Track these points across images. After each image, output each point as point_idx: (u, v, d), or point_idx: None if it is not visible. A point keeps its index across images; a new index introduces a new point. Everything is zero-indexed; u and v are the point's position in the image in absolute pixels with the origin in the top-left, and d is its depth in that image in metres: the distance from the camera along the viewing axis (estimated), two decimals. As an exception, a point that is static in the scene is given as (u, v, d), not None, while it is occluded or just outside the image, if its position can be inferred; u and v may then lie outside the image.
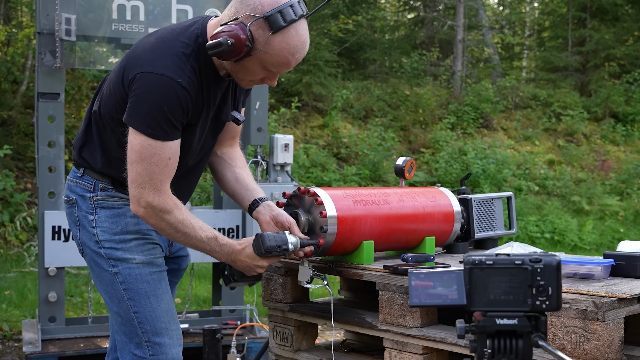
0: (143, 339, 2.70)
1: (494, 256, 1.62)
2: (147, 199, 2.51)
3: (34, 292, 6.93)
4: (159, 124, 2.45)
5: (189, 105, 2.50)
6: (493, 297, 1.61)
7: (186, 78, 2.47)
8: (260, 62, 2.51)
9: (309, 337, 3.31)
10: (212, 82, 2.60)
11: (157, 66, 2.45)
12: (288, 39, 2.46)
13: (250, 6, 2.45)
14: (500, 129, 15.81)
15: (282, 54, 2.48)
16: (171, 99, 2.44)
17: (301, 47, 2.51)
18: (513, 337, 1.62)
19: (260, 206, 2.87)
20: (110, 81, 2.62)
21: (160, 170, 2.50)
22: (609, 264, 2.81)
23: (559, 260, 1.61)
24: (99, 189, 2.70)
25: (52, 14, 4.72)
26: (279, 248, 2.68)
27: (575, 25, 18.93)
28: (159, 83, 2.44)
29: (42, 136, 4.82)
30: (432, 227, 3.30)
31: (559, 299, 1.61)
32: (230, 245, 2.68)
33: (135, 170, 2.50)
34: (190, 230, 2.60)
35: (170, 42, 2.53)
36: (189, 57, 2.50)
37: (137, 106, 2.46)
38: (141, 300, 2.68)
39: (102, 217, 2.69)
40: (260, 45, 2.46)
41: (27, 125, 10.78)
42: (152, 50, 2.51)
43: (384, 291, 2.90)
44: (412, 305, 1.68)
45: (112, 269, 2.68)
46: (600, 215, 13.04)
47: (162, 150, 2.49)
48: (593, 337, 2.37)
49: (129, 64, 2.53)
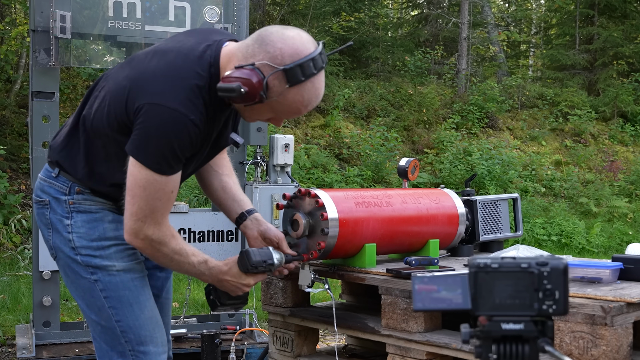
0: (127, 347, 2.67)
1: (499, 259, 1.62)
2: (147, 233, 2.49)
3: (28, 296, 6.93)
4: (167, 159, 2.40)
5: (198, 140, 2.46)
6: (498, 302, 1.61)
7: (198, 114, 2.40)
8: (270, 108, 2.47)
9: (310, 342, 3.31)
10: (218, 111, 2.54)
11: (169, 99, 2.36)
12: (304, 92, 2.42)
13: (270, 54, 2.37)
14: (506, 129, 15.81)
15: (295, 105, 2.45)
16: (182, 135, 2.38)
17: (315, 99, 2.47)
18: (519, 342, 1.62)
19: (248, 220, 2.86)
20: (111, 95, 2.50)
21: (162, 205, 2.48)
22: (617, 268, 2.81)
23: (566, 263, 1.61)
24: (75, 192, 2.63)
25: (46, 11, 4.72)
26: (264, 263, 2.69)
27: (582, 22, 18.92)
28: (170, 118, 2.35)
29: (37, 136, 4.82)
30: (436, 229, 3.30)
31: (566, 303, 1.61)
32: (218, 268, 2.67)
33: (138, 204, 2.45)
34: (183, 259, 2.59)
35: (185, 71, 2.42)
36: (202, 90, 2.42)
37: (145, 140, 2.39)
38: (123, 309, 2.65)
39: (78, 222, 2.63)
40: (275, 95, 2.41)
41: (21, 125, 10.78)
42: (164, 79, 2.40)
43: (386, 295, 2.90)
44: (415, 309, 1.68)
45: (90, 277, 2.64)
46: (609, 218, 13.03)
47: (166, 184, 2.45)
48: (601, 342, 2.37)
49: (136, 88, 2.42)
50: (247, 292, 2.79)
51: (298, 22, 15.46)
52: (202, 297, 7.17)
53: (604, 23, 18.31)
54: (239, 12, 5.12)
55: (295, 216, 2.98)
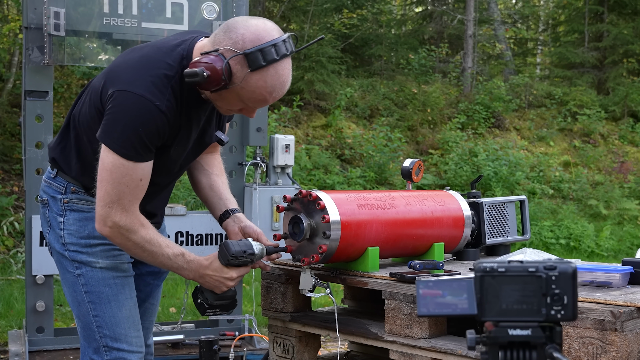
0: (101, 343, 2.78)
1: (506, 263, 1.62)
2: (114, 219, 2.58)
3: (21, 301, 6.93)
4: (133, 145, 2.52)
5: (166, 128, 2.57)
6: (505, 307, 1.61)
7: (165, 101, 2.53)
8: (237, 95, 2.58)
9: (311, 348, 3.32)
10: (193, 105, 2.66)
11: (136, 86, 2.51)
12: (266, 77, 2.52)
13: (232, 39, 2.51)
14: (513, 129, 15.81)
15: (259, 91, 2.55)
16: (148, 121, 2.51)
17: (280, 87, 2.57)
18: (526, 348, 1.62)
19: (230, 218, 2.98)
20: (92, 89, 2.69)
21: (130, 191, 2.58)
22: (627, 272, 2.82)
23: (574, 267, 1.61)
24: (70, 191, 2.77)
25: (40, 8, 4.73)
26: (244, 253, 2.74)
27: (591, 19, 18.92)
28: (136, 104, 2.50)
29: (30, 136, 4.83)
30: (441, 232, 3.30)
31: (575, 308, 1.61)
32: (198, 262, 2.75)
33: (105, 188, 2.57)
34: (157, 249, 2.67)
35: (154, 62, 2.59)
36: (170, 80, 2.56)
37: (112, 124, 2.53)
38: (102, 305, 2.76)
39: (70, 220, 2.78)
40: (238, 80, 2.52)
41: (13, 125, 10.79)
42: (134, 68, 2.58)
43: (390, 300, 2.90)
44: (420, 314, 1.68)
45: (75, 271, 2.77)
46: (619, 220, 13.03)
47: (133, 171, 2.56)
48: (611, 348, 2.37)
49: (110, 77, 2.60)
50: (235, 292, 2.85)
51: (299, 19, 15.48)
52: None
53: (614, 20, 18.30)
54: (238, 8, 5.13)
55: (296, 219, 2.99)
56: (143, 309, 3.02)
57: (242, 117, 5.29)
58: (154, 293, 3.09)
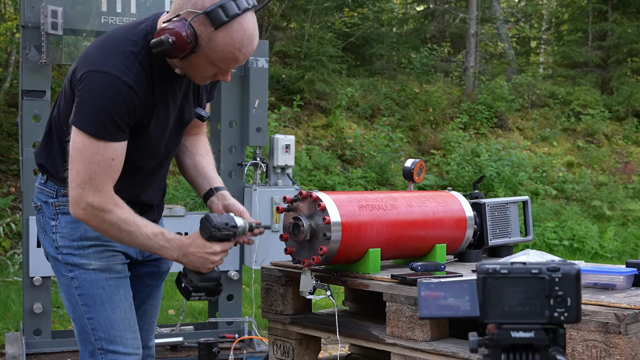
0: (96, 346, 2.77)
1: (509, 265, 1.62)
2: (87, 200, 2.56)
3: (18, 303, 6.93)
4: (103, 123, 2.51)
5: (136, 104, 2.56)
6: (508, 309, 1.61)
7: (133, 77, 2.53)
8: (206, 58, 2.57)
9: (312, 351, 3.32)
10: (167, 81, 2.66)
11: (102, 65, 2.53)
12: (232, 33, 2.51)
13: (191, 2, 2.51)
14: (516, 129, 15.81)
15: (227, 49, 2.54)
16: (116, 98, 2.51)
17: (248, 42, 2.56)
18: (529, 351, 1.62)
19: (214, 196, 2.95)
20: (65, 83, 2.70)
21: (102, 171, 2.56)
22: (631, 274, 2.81)
23: (578, 269, 1.61)
24: (61, 194, 2.77)
25: (37, 6, 4.73)
26: (226, 225, 2.71)
27: (595, 18, 18.92)
28: (103, 82, 2.51)
29: (27, 136, 4.83)
30: (443, 233, 3.30)
31: (579, 310, 1.61)
32: (179, 239, 2.72)
33: (76, 169, 2.56)
34: (134, 229, 2.64)
35: (117, 40, 2.60)
36: (137, 55, 2.57)
37: (81, 105, 2.53)
38: (96, 307, 2.76)
39: (62, 223, 2.78)
40: (204, 42, 2.52)
41: (10, 125, 10.79)
42: (99, 49, 2.60)
43: (391, 302, 2.90)
44: (421, 317, 1.68)
45: (68, 274, 2.77)
46: (623, 221, 13.03)
47: (105, 150, 2.55)
48: (615, 351, 2.37)
49: (78, 63, 2.62)
50: (220, 275, 2.82)
51: (299, 18, 15.48)
52: (199, 304, 7.18)
53: (618, 19, 18.31)
54: (238, 7, 5.12)
55: (296, 220, 2.99)
56: (143, 310, 3.01)
57: (241, 117, 5.29)
58: (153, 294, 3.07)
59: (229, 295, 5.35)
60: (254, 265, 5.19)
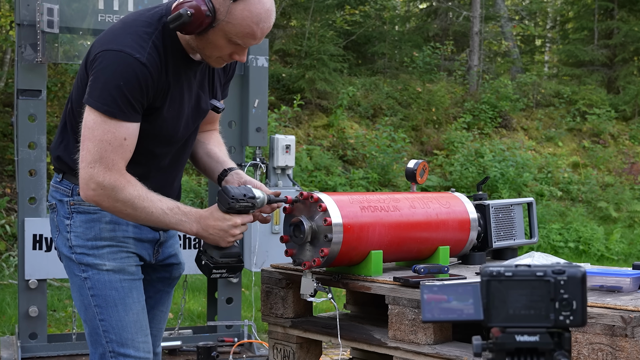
0: (107, 349, 2.75)
1: (513, 267, 1.62)
2: (97, 179, 2.56)
3: (13, 306, 6.93)
4: (115, 101, 2.53)
5: (149, 82, 2.58)
6: (512, 312, 1.61)
7: (146, 54, 2.57)
8: (224, 33, 2.59)
9: (313, 355, 3.32)
10: (180, 64, 2.69)
11: (116, 44, 2.57)
12: (250, 6, 2.54)
13: None
14: (520, 129, 15.81)
15: (245, 22, 2.56)
16: (128, 75, 2.53)
17: (266, 16, 2.58)
18: (534, 355, 1.62)
19: (229, 175, 2.95)
20: (78, 72, 2.73)
21: (113, 149, 2.56)
22: (638, 276, 2.82)
23: (584, 271, 1.61)
24: (76, 193, 2.75)
25: (33, 4, 4.73)
26: (244, 196, 2.70)
27: (601, 15, 18.92)
28: (115, 59, 2.54)
29: (22, 137, 4.83)
30: (446, 235, 3.30)
31: (584, 313, 1.61)
32: (196, 212, 2.72)
33: (87, 147, 2.57)
34: (149, 204, 2.63)
35: (131, 22, 2.66)
36: (150, 35, 2.61)
37: (94, 84, 2.56)
38: (108, 308, 2.74)
39: (77, 222, 2.77)
40: (222, 15, 2.54)
41: (5, 124, 10.80)
42: (112, 31, 2.66)
43: (393, 305, 2.90)
44: (424, 320, 1.68)
45: (82, 274, 2.76)
46: (629, 223, 13.02)
47: (117, 129, 2.56)
48: (621, 355, 2.37)
49: (93, 47, 2.66)
50: (240, 252, 2.81)
51: (300, 16, 15.49)
52: (197, 307, 7.18)
53: (624, 17, 18.30)
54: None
55: (297, 221, 2.99)
56: (152, 315, 2.99)
57: (241, 117, 5.29)
58: (163, 300, 3.06)
59: (228, 299, 5.35)
60: (254, 267, 5.19)
